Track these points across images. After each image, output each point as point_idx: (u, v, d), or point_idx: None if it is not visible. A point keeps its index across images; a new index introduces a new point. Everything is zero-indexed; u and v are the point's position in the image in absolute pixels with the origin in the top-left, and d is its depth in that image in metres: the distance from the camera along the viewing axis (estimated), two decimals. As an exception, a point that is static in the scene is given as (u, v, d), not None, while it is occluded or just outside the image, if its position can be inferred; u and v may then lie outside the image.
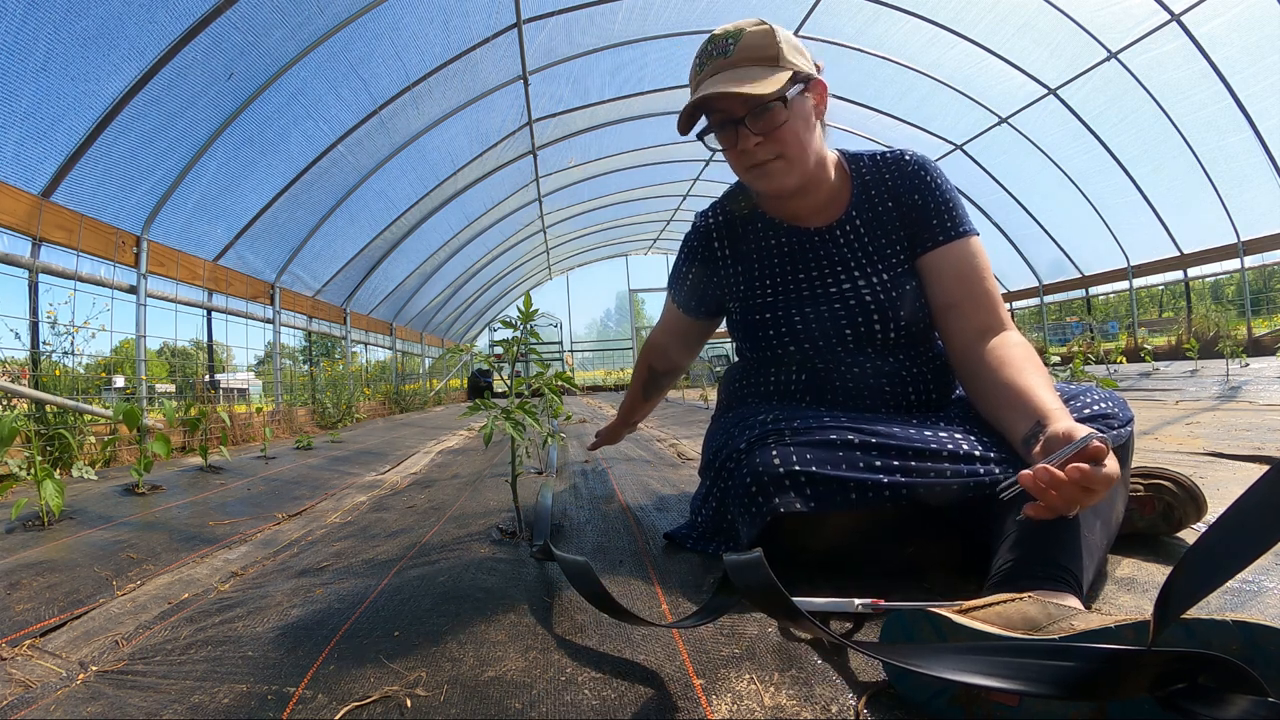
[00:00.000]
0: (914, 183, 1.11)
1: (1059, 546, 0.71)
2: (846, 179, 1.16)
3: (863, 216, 1.13)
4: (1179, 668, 0.44)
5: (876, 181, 1.14)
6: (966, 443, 0.88)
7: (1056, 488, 0.65)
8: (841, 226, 1.13)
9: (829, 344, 1.10)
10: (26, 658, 0.84)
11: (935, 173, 1.12)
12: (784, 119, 1.00)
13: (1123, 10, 5.82)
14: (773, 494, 0.88)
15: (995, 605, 0.59)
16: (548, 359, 9.51)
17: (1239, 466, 1.61)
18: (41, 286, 3.21)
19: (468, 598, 0.94)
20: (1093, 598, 0.82)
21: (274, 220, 5.08)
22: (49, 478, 1.67)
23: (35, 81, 2.94)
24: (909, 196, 1.11)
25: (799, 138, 1.02)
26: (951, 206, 1.09)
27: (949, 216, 1.09)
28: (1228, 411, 2.82)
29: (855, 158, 1.17)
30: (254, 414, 5.19)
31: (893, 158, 1.15)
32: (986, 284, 1.05)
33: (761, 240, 1.19)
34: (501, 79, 5.79)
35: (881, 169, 1.15)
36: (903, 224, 1.12)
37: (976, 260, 1.06)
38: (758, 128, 1.00)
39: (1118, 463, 0.69)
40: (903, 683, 0.59)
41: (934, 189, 1.10)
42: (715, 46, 1.02)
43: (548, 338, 15.85)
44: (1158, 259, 8.38)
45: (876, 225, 1.12)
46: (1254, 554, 0.43)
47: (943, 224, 1.09)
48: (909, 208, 1.11)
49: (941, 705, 0.55)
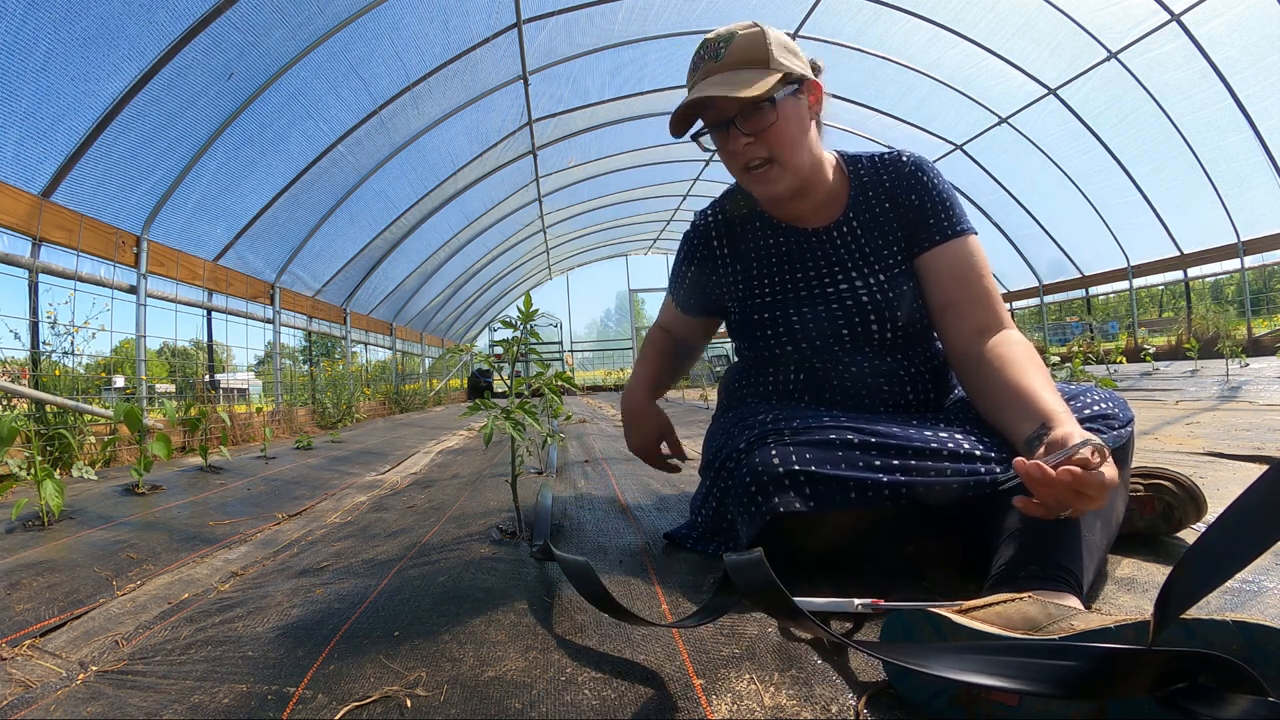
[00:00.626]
0: (910, 183, 1.11)
1: (1059, 546, 0.71)
2: (844, 180, 1.16)
3: (860, 218, 1.13)
4: (1179, 667, 0.44)
5: (874, 183, 1.15)
6: (967, 442, 0.88)
7: (1047, 485, 0.65)
8: (839, 227, 1.14)
9: (826, 344, 1.10)
10: (26, 658, 0.84)
11: (932, 173, 1.12)
12: (773, 120, 1.00)
13: (1123, 10, 5.82)
14: (772, 494, 0.87)
15: (995, 605, 0.59)
16: (548, 359, 9.52)
17: (1239, 466, 1.61)
18: (41, 286, 3.21)
19: (468, 598, 0.94)
20: (1093, 598, 0.82)
21: (274, 220, 5.08)
22: (49, 478, 1.67)
23: (35, 81, 2.94)
24: (905, 197, 1.11)
25: (790, 139, 1.02)
26: (948, 206, 1.09)
27: (945, 216, 1.08)
28: (1228, 411, 2.82)
29: (853, 159, 1.18)
30: (254, 414, 5.19)
31: (890, 159, 1.15)
32: (985, 283, 1.04)
33: (760, 240, 1.19)
34: (501, 79, 5.79)
35: (879, 170, 1.15)
36: (900, 224, 1.12)
37: (974, 259, 1.06)
38: (747, 128, 1.01)
39: (1116, 468, 0.69)
40: (903, 683, 0.59)
41: (930, 189, 1.10)
42: (707, 50, 1.03)
43: (548, 338, 15.85)
44: (1158, 259, 8.39)
45: (874, 226, 1.13)
46: (1253, 553, 0.43)
47: (939, 223, 1.08)
48: (906, 208, 1.11)
49: (941, 705, 0.55)
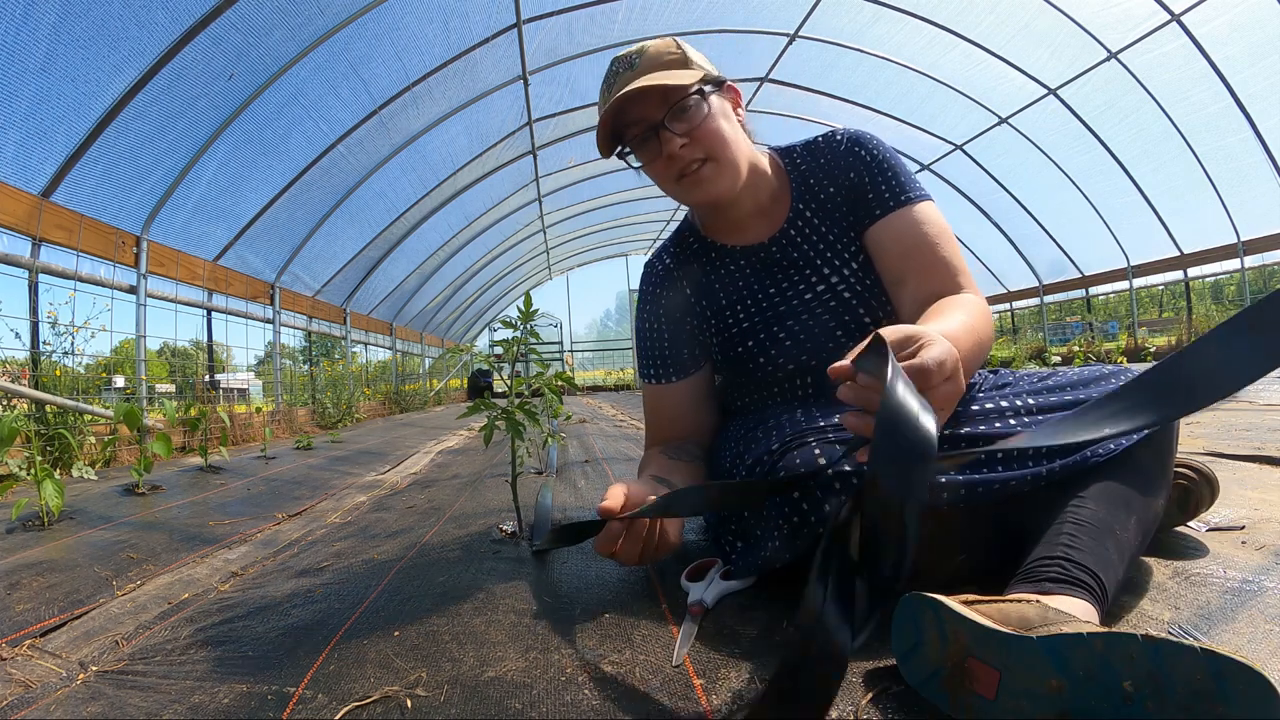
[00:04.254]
0: (848, 160, 1.05)
1: (1086, 549, 0.68)
2: (783, 175, 1.10)
3: (810, 208, 1.07)
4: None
5: (813, 169, 1.08)
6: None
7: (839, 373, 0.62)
8: (793, 224, 1.08)
9: (821, 347, 1.02)
10: (26, 658, 0.84)
11: (870, 144, 1.04)
12: (705, 113, 0.95)
13: (1123, 10, 5.82)
14: (820, 500, 0.75)
15: (999, 603, 0.60)
16: (548, 359, 9.49)
17: (1238, 466, 1.61)
18: (41, 286, 3.21)
19: (468, 597, 0.94)
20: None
21: (274, 220, 5.08)
22: (49, 478, 1.67)
23: (35, 82, 2.94)
24: (844, 175, 1.05)
25: (724, 135, 0.97)
26: (889, 176, 1.01)
27: (886, 187, 1.01)
28: (1228, 411, 2.82)
29: (787, 151, 1.12)
30: (254, 414, 5.18)
31: (824, 139, 1.09)
32: (938, 251, 0.95)
33: (720, 270, 1.12)
34: (501, 79, 5.79)
35: (815, 155, 1.09)
36: (847, 206, 1.05)
37: (923, 228, 0.97)
38: (680, 127, 0.95)
39: (935, 358, 0.61)
40: (905, 664, 0.61)
41: (868, 162, 1.03)
42: (620, 65, 0.99)
43: (548, 338, 15.85)
44: (1158, 259, 8.38)
45: (825, 215, 1.06)
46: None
47: (879, 196, 1.01)
48: (848, 188, 1.04)
49: (933, 690, 0.58)
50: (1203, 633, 0.69)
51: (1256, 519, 1.09)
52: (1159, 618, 0.73)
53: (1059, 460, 0.77)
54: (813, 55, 6.89)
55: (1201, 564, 0.90)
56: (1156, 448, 0.81)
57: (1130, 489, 0.76)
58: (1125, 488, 0.76)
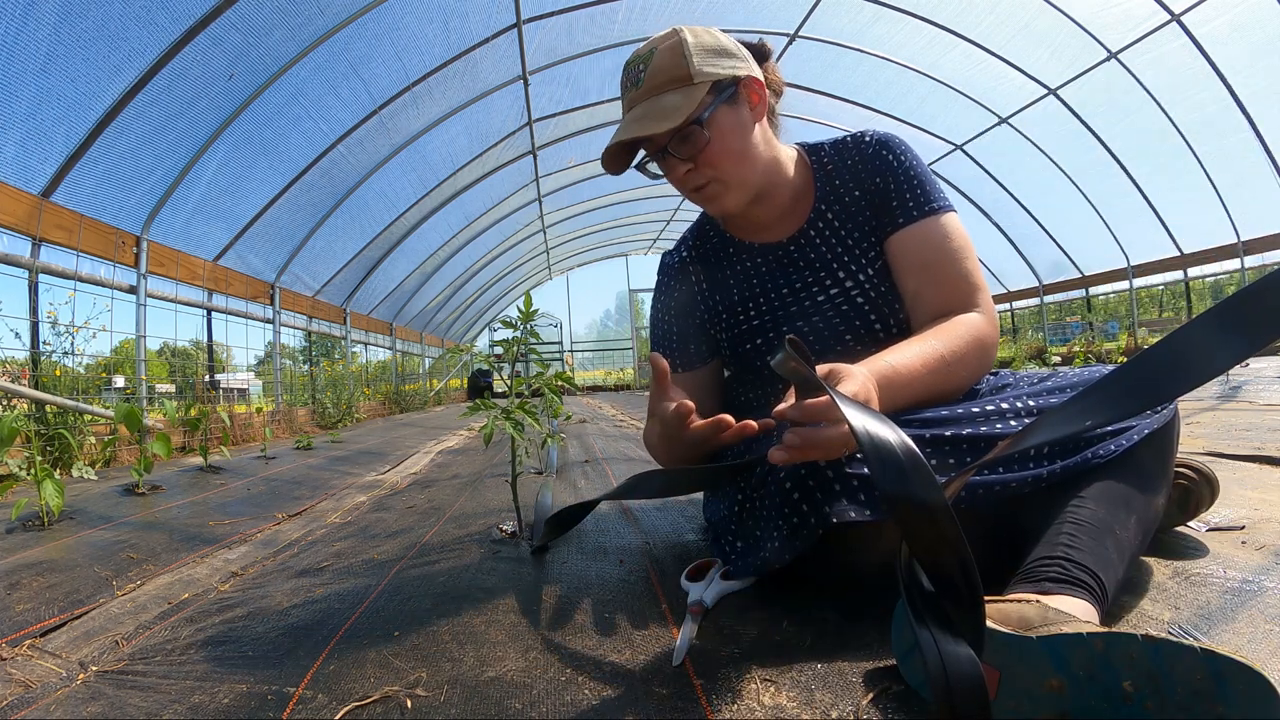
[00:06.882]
0: (875, 164, 1.03)
1: (1086, 549, 0.68)
2: (809, 173, 1.09)
3: (832, 209, 1.06)
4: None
5: (839, 169, 1.06)
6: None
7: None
8: (814, 225, 1.06)
9: (829, 349, 1.01)
10: (26, 658, 0.84)
11: (898, 149, 1.03)
12: (705, 141, 0.93)
13: (1123, 10, 5.82)
14: (822, 502, 0.74)
15: (998, 603, 0.60)
16: (548, 359, 9.49)
17: (1239, 466, 1.61)
18: (41, 286, 3.21)
19: (468, 598, 0.94)
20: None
21: (274, 220, 5.08)
22: (49, 478, 1.67)
23: (35, 82, 2.94)
24: (870, 179, 1.03)
25: (729, 154, 0.95)
26: (915, 184, 1.00)
27: (911, 196, 0.99)
28: (1228, 411, 2.82)
29: (815, 148, 1.10)
30: (254, 414, 5.19)
31: (853, 140, 1.07)
32: (957, 266, 0.94)
33: (736, 266, 1.12)
34: (501, 79, 5.79)
35: (843, 155, 1.07)
36: (870, 210, 1.03)
37: (945, 242, 0.95)
38: (682, 154, 0.95)
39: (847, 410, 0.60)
40: (905, 664, 0.61)
41: (895, 167, 1.01)
42: (629, 77, 0.97)
43: (548, 338, 15.85)
44: (1158, 259, 8.38)
45: (847, 217, 1.05)
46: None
47: (903, 205, 0.99)
48: (873, 192, 1.03)
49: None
50: (1203, 633, 0.69)
51: (1256, 519, 1.10)
52: (1159, 618, 0.73)
53: (1060, 461, 0.78)
54: (813, 55, 6.89)
55: (1201, 564, 0.90)
56: (1157, 447, 0.81)
57: (1130, 489, 0.76)
58: (1125, 487, 0.76)
